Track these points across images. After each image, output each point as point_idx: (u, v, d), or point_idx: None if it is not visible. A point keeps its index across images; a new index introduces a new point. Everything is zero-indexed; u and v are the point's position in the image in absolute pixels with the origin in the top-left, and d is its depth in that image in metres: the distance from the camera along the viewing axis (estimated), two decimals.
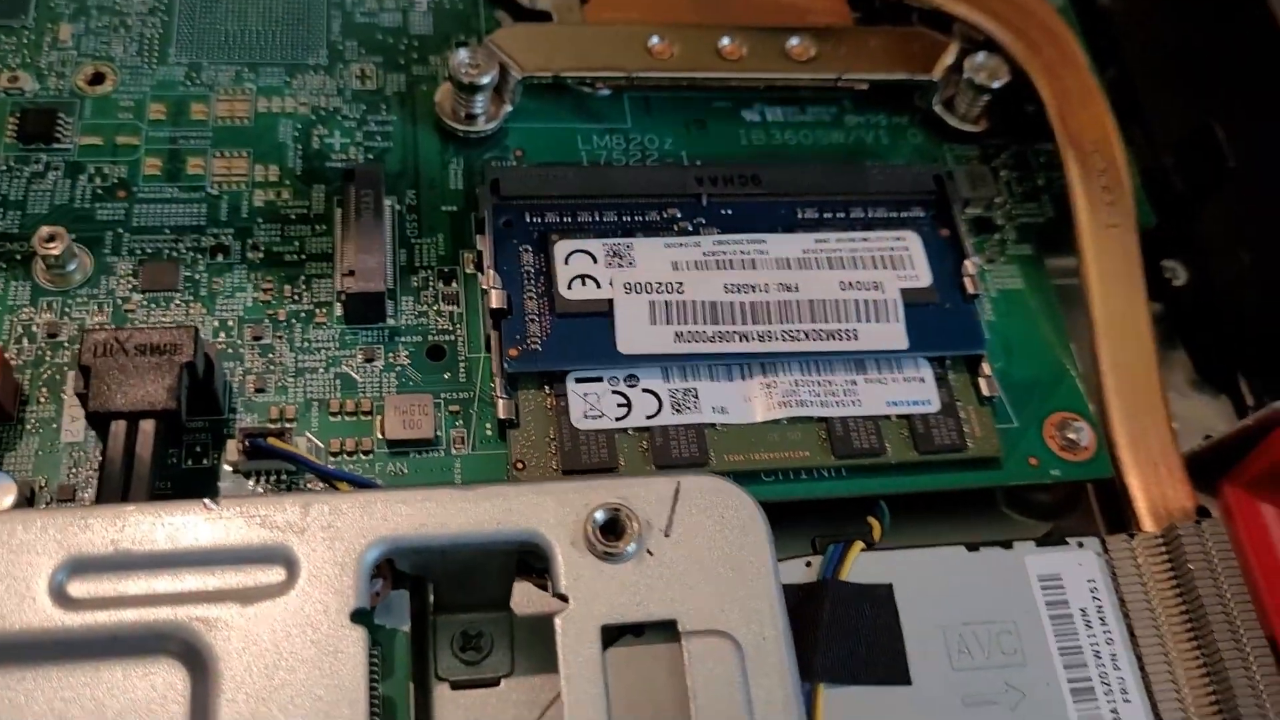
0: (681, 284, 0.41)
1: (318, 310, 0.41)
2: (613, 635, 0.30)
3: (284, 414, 0.39)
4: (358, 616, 0.29)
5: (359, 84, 0.47)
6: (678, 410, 0.40)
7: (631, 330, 0.40)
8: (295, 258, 0.42)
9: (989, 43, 0.48)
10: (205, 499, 0.30)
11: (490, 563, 0.32)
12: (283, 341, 0.40)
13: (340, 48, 0.48)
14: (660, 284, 0.41)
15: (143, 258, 0.41)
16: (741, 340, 0.40)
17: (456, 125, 0.45)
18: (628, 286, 0.41)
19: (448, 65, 0.44)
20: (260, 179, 0.44)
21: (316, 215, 0.43)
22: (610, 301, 0.40)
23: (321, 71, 0.47)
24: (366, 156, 0.45)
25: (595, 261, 0.41)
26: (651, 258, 0.42)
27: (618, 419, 0.39)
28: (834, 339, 0.41)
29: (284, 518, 0.30)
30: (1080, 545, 0.38)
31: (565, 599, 0.30)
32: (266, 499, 0.31)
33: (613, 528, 0.31)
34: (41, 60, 0.46)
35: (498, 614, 0.34)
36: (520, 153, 0.46)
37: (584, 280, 0.41)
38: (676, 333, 0.40)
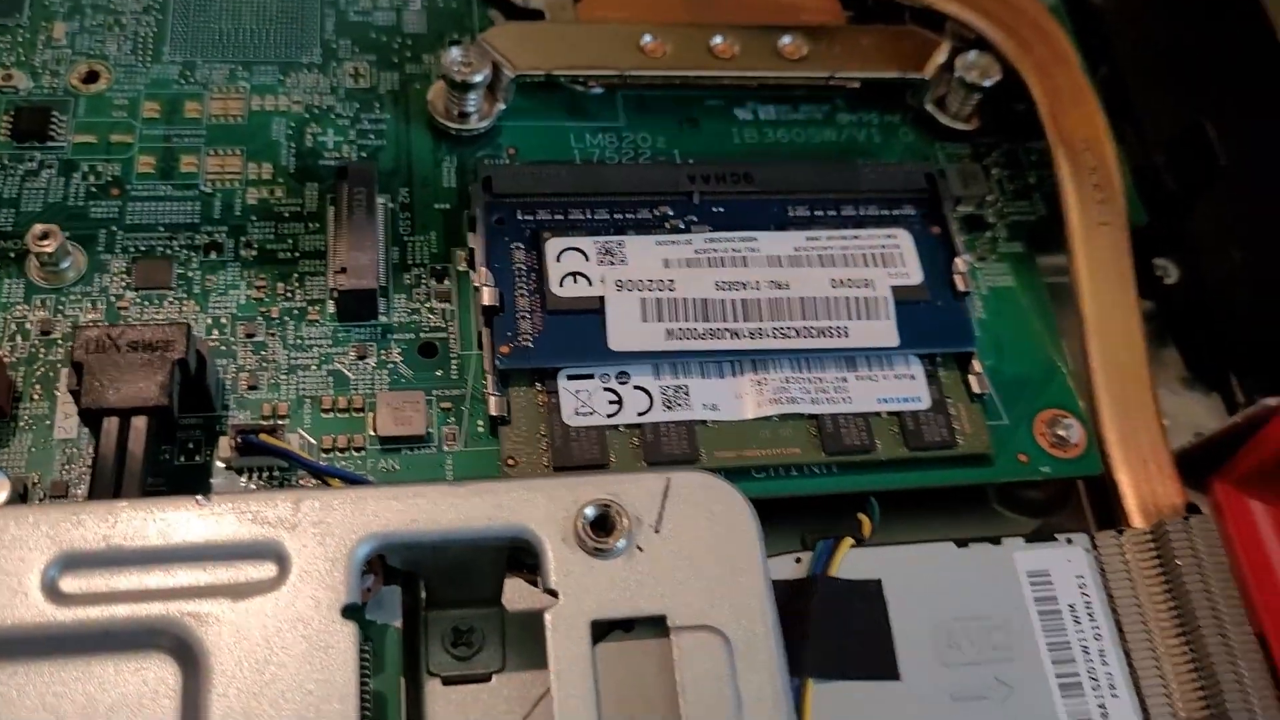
0: (673, 281, 0.41)
1: (310, 307, 0.41)
2: (603, 630, 0.30)
3: (276, 411, 0.39)
4: (349, 612, 0.29)
5: (352, 82, 0.47)
6: (669, 407, 0.40)
7: (623, 327, 0.40)
8: (288, 255, 0.42)
9: (980, 41, 0.48)
10: (197, 495, 0.30)
11: (481, 558, 0.32)
12: (275, 338, 0.41)
13: (334, 46, 0.48)
14: (651, 281, 0.41)
15: (136, 255, 0.42)
16: (732, 337, 0.40)
17: (449, 123, 0.45)
18: (619, 284, 0.41)
19: (441, 63, 0.44)
20: (254, 177, 0.44)
21: (309, 213, 0.44)
22: (602, 299, 0.40)
23: (315, 70, 0.47)
24: (360, 154, 0.45)
25: (587, 259, 0.41)
26: (643, 255, 0.42)
27: (609, 416, 0.39)
28: (825, 336, 0.41)
29: (275, 513, 0.30)
30: (1069, 541, 0.38)
31: (555, 594, 0.30)
32: (258, 495, 0.31)
33: (603, 524, 0.31)
34: (35, 58, 0.46)
35: (489, 610, 0.34)
36: (513, 151, 0.46)
37: (575, 277, 0.41)
38: (668, 330, 0.40)
